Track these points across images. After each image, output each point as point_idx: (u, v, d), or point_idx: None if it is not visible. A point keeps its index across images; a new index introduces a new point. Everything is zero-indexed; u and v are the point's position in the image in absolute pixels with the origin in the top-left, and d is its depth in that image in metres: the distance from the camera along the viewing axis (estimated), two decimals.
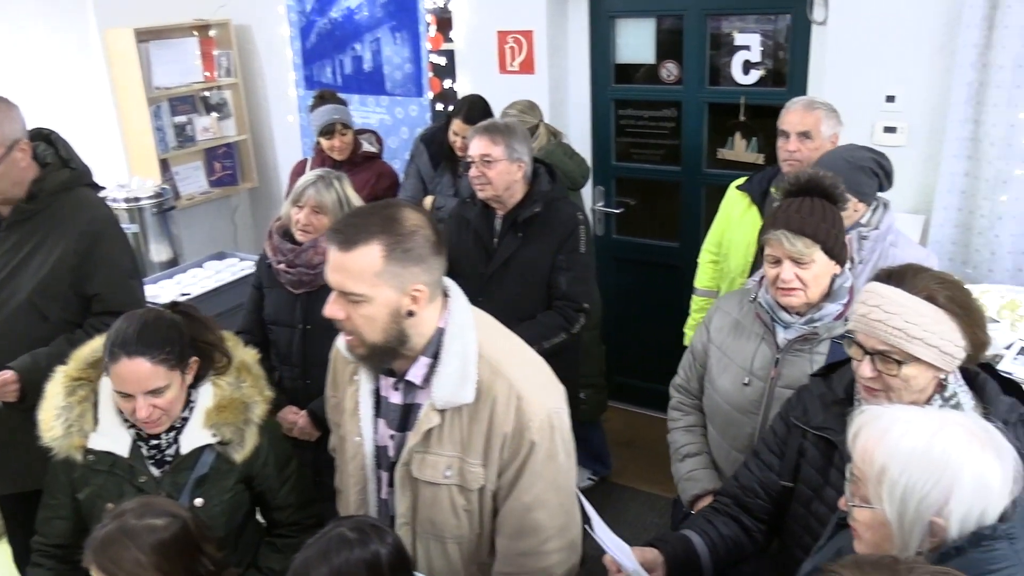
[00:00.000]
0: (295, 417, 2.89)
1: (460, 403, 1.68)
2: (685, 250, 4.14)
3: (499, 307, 2.91)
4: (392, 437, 1.80)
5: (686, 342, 3.43)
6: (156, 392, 1.89)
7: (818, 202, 2.09)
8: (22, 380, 2.39)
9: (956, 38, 3.12)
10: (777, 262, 2.10)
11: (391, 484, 1.81)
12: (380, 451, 1.83)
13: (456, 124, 3.78)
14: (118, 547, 1.63)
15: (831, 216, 2.09)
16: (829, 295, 2.13)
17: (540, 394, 1.73)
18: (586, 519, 1.86)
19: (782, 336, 2.18)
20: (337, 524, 1.58)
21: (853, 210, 2.54)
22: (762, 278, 2.27)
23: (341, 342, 1.81)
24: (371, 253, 1.59)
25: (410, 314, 1.65)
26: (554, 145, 3.71)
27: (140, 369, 1.85)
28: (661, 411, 4.43)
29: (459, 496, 1.74)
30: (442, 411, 1.70)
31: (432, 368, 1.70)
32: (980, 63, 3.08)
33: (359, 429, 1.82)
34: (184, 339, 1.96)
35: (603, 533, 1.80)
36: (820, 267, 2.08)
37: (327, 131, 3.89)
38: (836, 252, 2.09)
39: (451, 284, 1.78)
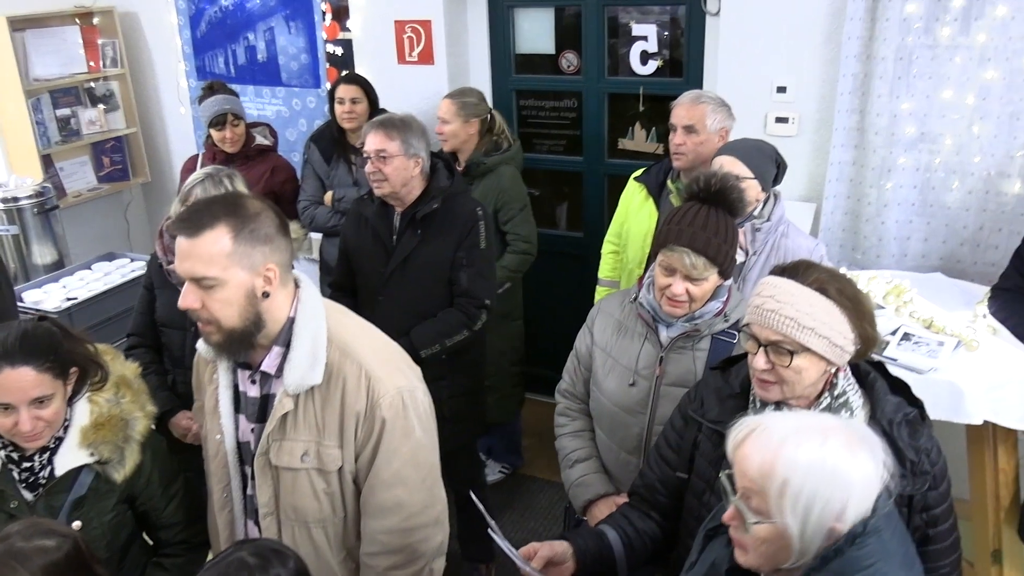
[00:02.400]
0: (189, 423, 2.80)
1: (310, 384, 1.74)
2: (589, 240, 4.16)
3: (400, 305, 2.91)
4: (253, 430, 1.84)
5: None
6: (41, 403, 1.80)
7: (722, 215, 2.09)
8: None
9: (841, 30, 3.21)
10: (671, 272, 2.11)
11: (255, 477, 1.84)
12: (243, 447, 1.87)
13: (342, 89, 3.76)
14: (6, 571, 1.54)
15: (732, 235, 2.11)
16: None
17: (391, 372, 1.79)
18: (486, 523, 1.86)
19: (665, 334, 2.20)
20: (237, 548, 1.53)
21: (755, 196, 2.59)
22: (641, 278, 2.29)
23: (201, 344, 1.84)
24: (219, 236, 1.64)
25: (265, 295, 1.70)
26: (518, 147, 3.70)
27: (24, 378, 1.77)
28: None
29: (319, 479, 1.79)
30: (295, 396, 1.75)
31: (285, 356, 1.75)
32: (864, 55, 3.17)
33: (219, 427, 1.85)
34: (63, 348, 1.86)
35: (501, 541, 1.79)
36: (711, 284, 2.12)
37: (218, 122, 3.76)
38: (727, 270, 2.13)
39: (301, 275, 1.83)
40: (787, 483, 1.31)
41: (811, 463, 1.30)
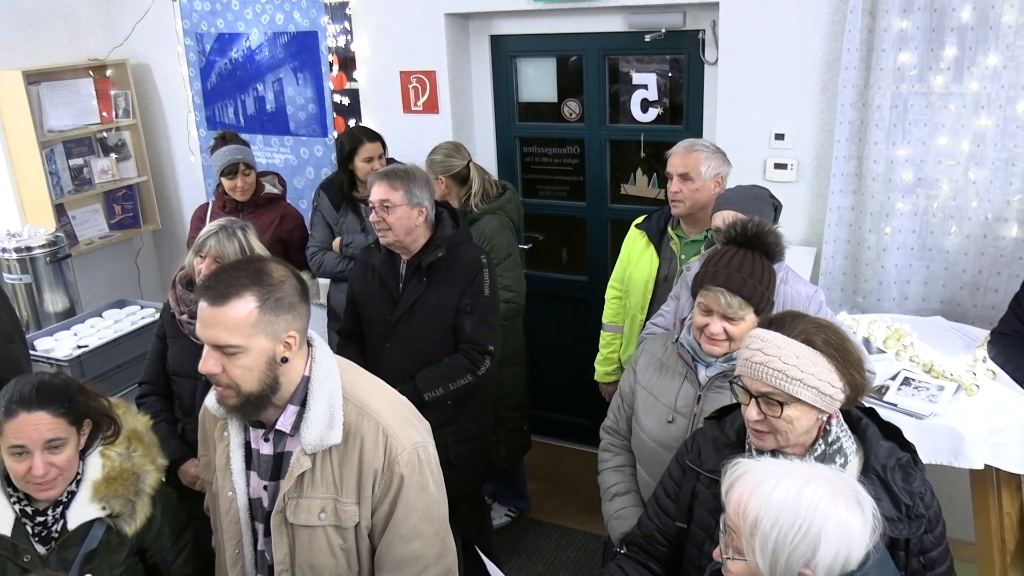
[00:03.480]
0: (197, 471, 2.82)
1: (330, 444, 1.76)
2: (593, 284, 4.22)
3: (406, 352, 2.95)
4: (265, 488, 1.85)
5: (597, 377, 3.49)
6: (55, 447, 1.84)
7: (759, 259, 2.16)
8: None
9: (836, 79, 3.28)
10: (708, 312, 2.16)
11: (267, 534, 1.85)
12: (254, 503, 1.88)
13: (368, 148, 3.77)
14: None
15: (768, 277, 2.16)
16: None
17: (406, 428, 1.82)
18: (484, 570, 1.90)
19: (703, 374, 2.24)
20: None
21: None
22: (683, 319, 2.34)
23: (209, 400, 1.87)
24: (245, 305, 1.67)
25: (284, 360, 1.73)
26: (508, 196, 3.70)
27: (40, 421, 1.83)
28: (577, 444, 4.56)
29: (335, 536, 1.80)
30: (312, 455, 1.77)
31: (300, 415, 1.77)
32: (860, 103, 3.23)
33: (231, 484, 1.87)
34: (78, 399, 1.91)
35: None
36: (748, 324, 2.15)
37: (230, 171, 3.83)
38: (765, 311, 2.16)
39: (313, 334, 1.86)
40: (757, 523, 1.35)
41: (782, 505, 1.34)
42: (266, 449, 1.83)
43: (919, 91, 3.13)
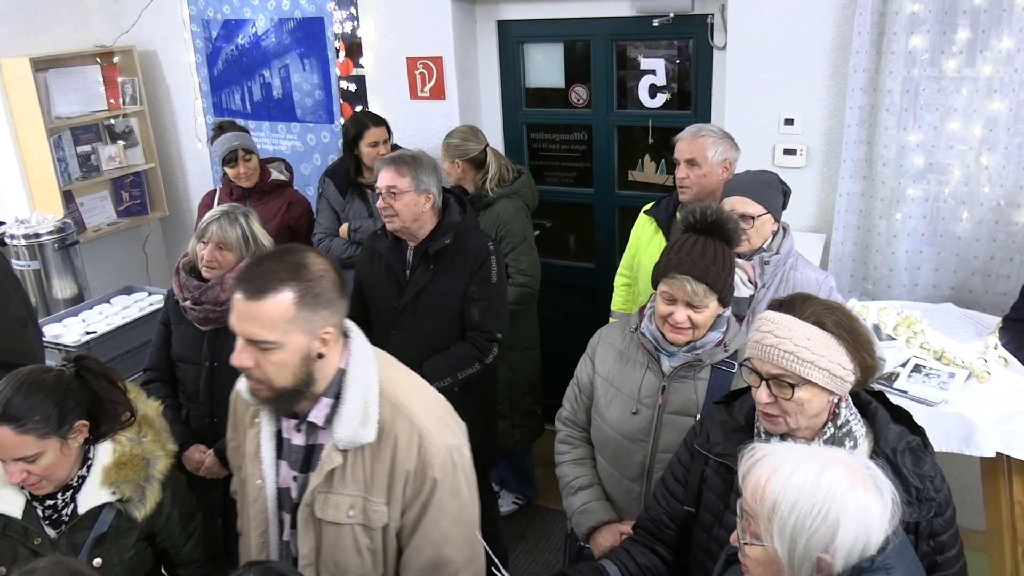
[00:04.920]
0: (202, 456, 2.85)
1: (362, 442, 1.70)
2: (601, 271, 4.20)
3: (412, 339, 2.94)
4: (295, 478, 1.81)
5: None
6: (26, 459, 1.82)
7: (719, 246, 2.15)
8: None
9: (847, 63, 3.25)
10: (672, 301, 2.16)
11: (293, 526, 1.81)
12: (282, 493, 1.84)
13: (373, 133, 3.79)
14: None
15: (729, 263, 2.17)
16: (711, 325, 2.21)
17: (442, 431, 1.76)
18: (492, 563, 1.87)
19: (667, 364, 2.24)
20: (246, 570, 1.56)
21: (770, 230, 2.64)
22: (642, 308, 2.33)
23: (242, 385, 1.81)
24: (282, 301, 1.61)
25: (320, 356, 1.67)
26: (524, 180, 3.72)
27: (4, 438, 1.79)
28: None
29: (363, 535, 1.75)
30: (344, 451, 1.71)
31: (334, 408, 1.72)
32: (870, 87, 3.20)
33: (261, 472, 1.82)
34: (66, 403, 1.86)
35: None
36: (711, 311, 2.16)
37: (230, 159, 3.82)
38: (727, 298, 2.19)
39: (351, 325, 1.80)
40: (776, 507, 1.34)
41: (801, 490, 1.33)
42: (297, 440, 1.79)
43: (931, 75, 3.10)
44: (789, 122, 3.47)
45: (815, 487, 1.33)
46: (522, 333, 3.70)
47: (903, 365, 2.63)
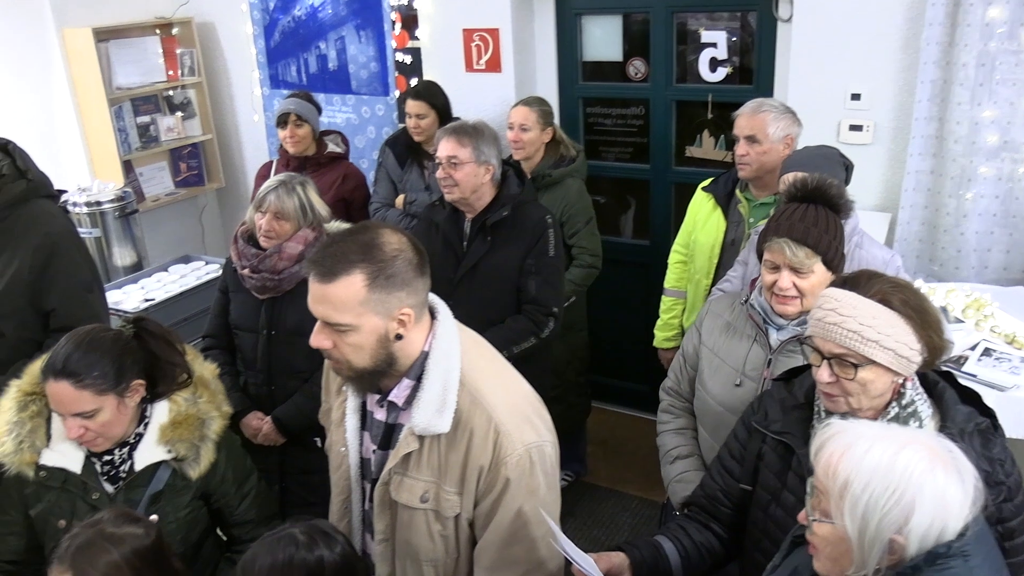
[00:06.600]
0: (259, 423, 2.87)
1: (437, 432, 1.66)
2: (656, 248, 4.14)
3: (468, 311, 2.88)
4: (375, 452, 1.79)
5: (656, 343, 3.43)
6: (84, 415, 1.86)
7: (822, 211, 2.08)
8: None
9: (919, 36, 3.13)
10: (776, 269, 2.09)
11: (372, 500, 1.80)
12: (364, 463, 1.83)
13: (408, 104, 3.82)
14: (97, 551, 1.61)
15: (834, 227, 2.08)
16: None
17: (521, 426, 1.69)
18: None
19: (775, 337, 2.17)
20: (293, 523, 1.59)
21: None
22: (753, 280, 2.27)
23: None
24: (354, 283, 1.56)
25: (398, 337, 1.64)
26: (583, 159, 3.71)
27: (63, 393, 1.84)
28: (636, 410, 4.51)
29: (435, 522, 1.72)
30: (421, 437, 1.68)
31: (415, 390, 1.68)
32: (944, 61, 3.08)
33: (344, 440, 1.81)
34: (124, 362, 1.90)
35: (567, 544, 1.77)
36: (818, 277, 2.06)
37: (282, 121, 3.85)
38: (835, 264, 2.08)
39: (440, 306, 1.75)
40: (848, 485, 1.29)
41: (875, 469, 1.28)
42: (379, 415, 1.77)
43: (1008, 49, 2.97)
44: (856, 97, 3.36)
45: (891, 466, 1.27)
46: (577, 314, 3.67)
47: (972, 348, 2.54)
